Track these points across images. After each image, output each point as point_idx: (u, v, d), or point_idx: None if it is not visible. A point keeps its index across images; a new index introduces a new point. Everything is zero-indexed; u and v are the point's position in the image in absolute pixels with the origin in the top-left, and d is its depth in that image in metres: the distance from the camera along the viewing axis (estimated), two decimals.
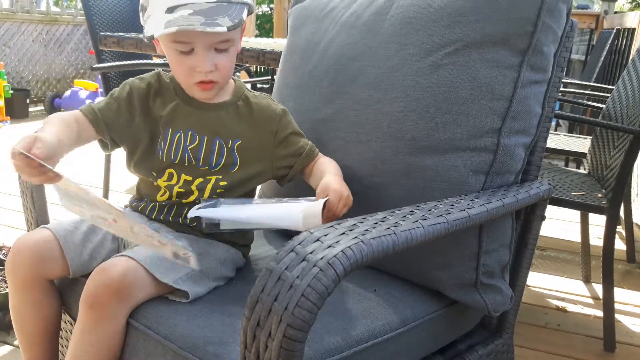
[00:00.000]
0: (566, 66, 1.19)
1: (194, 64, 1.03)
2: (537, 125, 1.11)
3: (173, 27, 0.96)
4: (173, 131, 1.10)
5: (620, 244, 2.68)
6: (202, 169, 1.09)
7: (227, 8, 1.00)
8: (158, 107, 1.12)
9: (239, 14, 1.01)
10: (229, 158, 1.10)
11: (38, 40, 6.20)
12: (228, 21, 0.98)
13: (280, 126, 1.14)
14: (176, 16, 0.97)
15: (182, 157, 1.09)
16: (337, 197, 0.97)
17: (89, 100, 5.55)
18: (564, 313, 2.07)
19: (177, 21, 0.97)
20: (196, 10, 0.98)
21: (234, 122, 1.12)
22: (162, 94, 1.13)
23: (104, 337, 0.93)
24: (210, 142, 1.10)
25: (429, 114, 1.07)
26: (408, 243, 0.79)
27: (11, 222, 2.69)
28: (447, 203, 0.95)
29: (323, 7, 1.35)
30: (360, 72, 1.18)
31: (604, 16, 4.96)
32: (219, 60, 1.04)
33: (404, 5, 1.16)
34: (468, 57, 1.05)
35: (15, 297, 1.06)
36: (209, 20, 0.97)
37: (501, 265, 1.11)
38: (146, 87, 1.13)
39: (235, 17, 1.00)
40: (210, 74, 1.04)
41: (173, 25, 0.96)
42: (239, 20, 1.00)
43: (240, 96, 1.15)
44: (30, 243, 1.04)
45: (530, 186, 1.11)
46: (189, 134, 1.10)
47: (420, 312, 1.03)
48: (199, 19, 0.97)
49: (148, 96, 1.13)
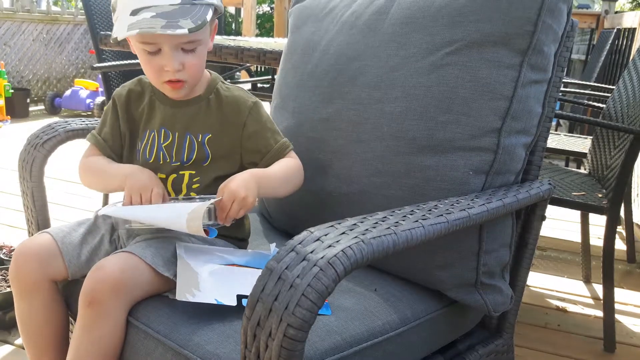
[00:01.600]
0: (566, 66, 1.19)
1: (162, 64, 1.04)
2: (538, 125, 1.11)
3: (134, 30, 0.98)
4: (149, 131, 1.14)
5: (621, 244, 2.68)
6: (175, 165, 1.11)
7: (191, 10, 1.01)
8: (138, 111, 1.16)
9: (202, 15, 1.01)
10: (200, 152, 1.11)
11: (38, 40, 6.20)
12: (190, 23, 0.99)
13: (250, 119, 1.13)
14: (139, 19, 0.99)
15: (157, 155, 1.11)
16: (230, 198, 0.99)
17: (89, 100, 5.55)
18: (564, 313, 2.07)
19: (139, 24, 0.98)
20: (159, 12, 0.99)
21: (204, 116, 1.13)
22: (142, 97, 1.16)
23: (103, 335, 0.93)
24: (182, 137, 1.11)
25: (429, 113, 1.07)
26: (408, 243, 0.79)
27: (11, 222, 2.69)
28: (447, 203, 0.95)
29: (323, 6, 1.35)
30: (361, 71, 1.18)
31: (604, 16, 4.96)
32: (187, 60, 1.05)
33: (405, 4, 1.16)
34: (468, 56, 1.05)
35: (21, 305, 1.06)
36: (170, 22, 0.98)
37: (501, 265, 1.11)
38: (126, 94, 1.17)
39: (199, 18, 1.00)
40: (178, 73, 1.05)
41: (135, 28, 0.98)
42: (202, 22, 1.00)
43: (212, 90, 1.15)
44: (32, 247, 1.05)
45: (530, 186, 1.11)
46: (162, 132, 1.12)
47: (420, 311, 1.03)
48: (160, 22, 0.98)
49: (129, 102, 1.17)
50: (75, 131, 1.31)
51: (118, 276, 0.92)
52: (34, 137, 1.27)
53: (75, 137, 1.31)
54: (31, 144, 1.25)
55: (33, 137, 1.27)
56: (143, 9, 1.00)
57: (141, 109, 1.15)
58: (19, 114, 5.50)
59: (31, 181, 1.23)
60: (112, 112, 1.17)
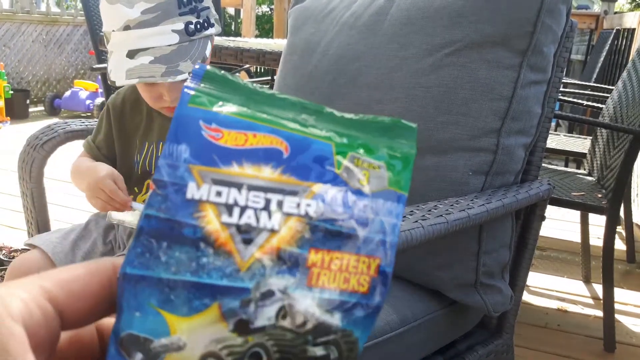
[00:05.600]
0: (566, 66, 1.19)
1: (160, 93, 1.03)
2: (537, 126, 1.11)
3: (134, 79, 0.96)
4: (148, 143, 1.12)
5: (620, 244, 2.68)
6: None
7: (189, 48, 0.98)
8: (134, 121, 1.15)
9: (201, 53, 0.99)
10: None
11: (38, 41, 6.20)
12: (190, 65, 0.96)
13: None
14: (137, 64, 0.96)
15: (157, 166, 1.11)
16: None
17: (89, 101, 5.55)
18: (564, 313, 2.07)
19: (138, 71, 0.96)
20: (157, 56, 0.96)
21: None
22: (139, 106, 1.14)
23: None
24: None
25: (429, 114, 1.07)
26: (408, 243, 0.80)
27: (11, 223, 2.69)
28: (447, 203, 0.95)
29: (323, 7, 1.35)
30: (360, 72, 1.18)
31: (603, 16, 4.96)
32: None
33: (404, 5, 1.16)
34: (468, 57, 1.05)
35: None
36: (170, 68, 0.95)
37: (501, 266, 1.11)
38: (121, 104, 1.15)
39: (198, 57, 0.98)
40: (175, 101, 1.04)
41: (134, 76, 0.96)
42: (202, 60, 0.98)
43: None
44: (22, 268, 1.05)
45: (530, 186, 1.11)
46: (160, 145, 1.11)
47: (420, 312, 1.03)
48: (160, 69, 0.95)
49: (123, 113, 1.15)
50: (75, 132, 1.31)
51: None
52: (33, 138, 1.27)
53: (75, 138, 1.31)
54: (31, 145, 1.26)
55: (32, 138, 1.27)
56: (140, 51, 0.96)
57: (138, 119, 1.14)
58: (18, 115, 5.50)
59: (31, 182, 1.23)
60: (106, 121, 1.16)
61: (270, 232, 0.25)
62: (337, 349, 0.25)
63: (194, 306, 0.25)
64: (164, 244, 0.25)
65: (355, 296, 0.25)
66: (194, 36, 0.99)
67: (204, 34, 1.00)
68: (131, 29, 0.97)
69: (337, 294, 0.25)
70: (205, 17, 1.01)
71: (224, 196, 0.25)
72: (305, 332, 0.25)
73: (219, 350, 0.25)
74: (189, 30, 0.98)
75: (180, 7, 0.97)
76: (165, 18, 0.96)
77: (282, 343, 0.25)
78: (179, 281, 0.25)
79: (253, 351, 0.25)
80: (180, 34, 0.97)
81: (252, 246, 0.25)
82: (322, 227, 0.25)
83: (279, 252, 0.25)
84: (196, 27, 0.99)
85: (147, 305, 0.25)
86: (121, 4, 0.97)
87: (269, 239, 0.25)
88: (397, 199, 0.27)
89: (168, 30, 0.96)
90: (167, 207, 0.25)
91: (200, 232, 0.25)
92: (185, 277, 0.25)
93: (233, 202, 0.25)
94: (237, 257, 0.25)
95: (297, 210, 0.25)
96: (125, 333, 0.25)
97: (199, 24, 0.99)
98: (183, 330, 0.25)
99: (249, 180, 0.26)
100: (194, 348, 0.25)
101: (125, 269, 0.25)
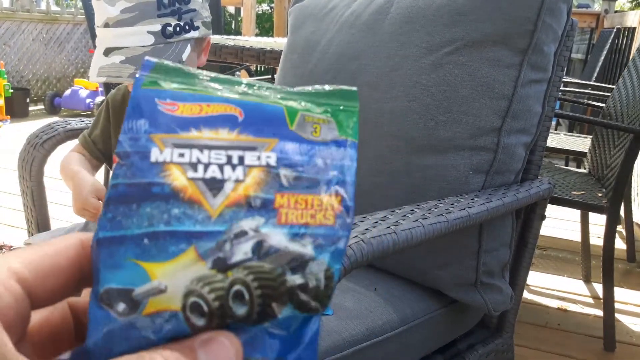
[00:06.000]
0: (566, 65, 1.19)
1: None
2: (538, 125, 1.11)
3: (103, 77, 0.95)
4: None
5: (621, 243, 2.68)
6: None
7: (164, 51, 0.96)
8: None
9: (177, 56, 0.97)
10: None
11: (38, 39, 6.20)
12: None
13: None
14: (109, 62, 0.95)
15: None
16: None
17: (89, 99, 5.55)
18: (564, 312, 2.07)
19: (107, 70, 0.95)
20: (128, 57, 0.95)
21: None
22: None
23: None
24: None
25: (429, 113, 1.07)
26: (408, 242, 0.79)
27: (11, 222, 2.69)
28: (447, 202, 0.95)
29: (323, 6, 1.34)
30: (361, 71, 1.18)
31: (604, 15, 4.96)
32: None
33: (404, 4, 1.16)
34: (468, 56, 1.05)
35: None
36: (138, 69, 0.94)
37: (501, 265, 1.11)
38: (121, 99, 1.15)
39: (172, 60, 0.96)
40: None
41: (103, 74, 0.95)
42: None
43: None
44: None
45: (530, 185, 1.11)
46: None
47: (420, 311, 1.03)
48: (129, 69, 0.94)
49: (123, 107, 1.14)
50: (75, 131, 1.30)
51: None
52: (33, 137, 1.27)
53: (75, 136, 1.31)
54: (31, 143, 1.25)
55: (33, 136, 1.27)
56: (115, 50, 0.96)
57: None
58: (18, 113, 5.50)
59: (31, 181, 1.23)
60: (105, 116, 1.16)
61: (235, 182, 0.27)
62: (314, 277, 0.27)
63: (171, 252, 0.26)
64: (134, 205, 0.26)
65: (323, 228, 0.27)
66: (171, 39, 0.97)
67: (183, 37, 0.98)
68: (110, 26, 0.96)
69: (306, 228, 0.27)
70: (188, 20, 0.99)
71: (187, 156, 0.27)
72: (282, 263, 0.26)
73: (200, 288, 0.26)
74: (165, 32, 0.96)
75: (159, 9, 0.96)
76: (143, 18, 0.95)
77: (262, 277, 0.26)
78: (153, 232, 0.26)
79: (235, 289, 0.26)
80: (156, 35, 0.96)
81: (220, 196, 0.26)
82: (284, 174, 0.27)
83: (247, 199, 0.27)
84: (175, 30, 0.97)
85: (124, 261, 0.26)
86: (104, 1, 0.96)
87: (236, 188, 0.27)
88: (349, 145, 0.29)
89: (144, 31, 0.95)
90: (132, 173, 0.26)
91: (168, 188, 0.26)
92: (159, 228, 0.26)
93: (196, 160, 0.27)
94: (207, 206, 0.26)
95: (259, 162, 0.27)
96: (104, 289, 0.26)
97: (179, 26, 0.97)
98: (162, 274, 0.25)
99: (208, 141, 0.27)
100: (176, 289, 0.25)
101: (98, 235, 0.26)
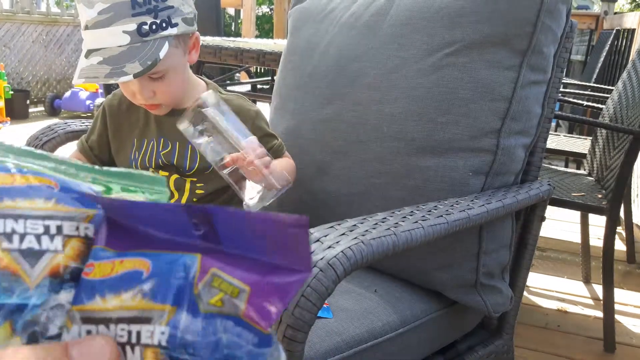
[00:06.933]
0: (566, 67, 1.20)
1: (134, 90, 1.02)
2: (537, 126, 1.11)
3: (81, 78, 0.96)
4: (147, 140, 1.12)
5: (620, 244, 2.68)
6: (177, 168, 1.10)
7: (140, 49, 0.96)
8: (130, 120, 1.14)
9: (154, 54, 0.96)
10: (203, 162, 1.08)
11: (38, 41, 6.20)
12: (137, 66, 0.94)
13: (254, 127, 1.11)
14: (87, 64, 0.96)
15: (157, 161, 1.10)
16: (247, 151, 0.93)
17: (89, 101, 5.55)
18: (564, 314, 2.07)
19: (87, 71, 0.96)
20: (105, 57, 0.95)
21: None
22: (135, 105, 1.12)
23: None
24: (182, 147, 1.09)
25: (429, 114, 1.07)
26: (408, 244, 0.80)
27: None
28: (447, 204, 0.95)
29: (323, 8, 1.35)
30: (360, 72, 1.18)
31: (603, 17, 4.96)
32: (157, 87, 1.02)
33: (404, 5, 1.16)
34: (468, 57, 1.05)
35: None
36: (115, 69, 0.94)
37: (501, 266, 1.11)
38: (117, 103, 1.15)
39: (148, 58, 0.96)
40: (150, 99, 1.03)
41: (82, 75, 0.96)
42: (152, 62, 0.95)
43: None
44: None
45: (530, 187, 1.11)
46: (161, 141, 1.11)
47: (420, 312, 1.03)
48: (104, 69, 0.94)
49: (120, 113, 1.15)
50: (75, 133, 1.31)
51: None
52: (33, 139, 1.27)
53: (75, 138, 1.31)
54: (31, 145, 1.26)
55: (32, 138, 1.27)
56: (93, 51, 0.96)
57: (134, 118, 1.14)
58: (18, 115, 5.50)
59: None
60: (101, 121, 1.16)
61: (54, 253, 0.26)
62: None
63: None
64: None
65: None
66: (148, 37, 0.97)
67: (160, 35, 0.98)
68: (89, 28, 0.97)
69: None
70: (165, 17, 0.98)
71: (1, 226, 0.25)
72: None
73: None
74: (141, 31, 0.96)
75: (134, 8, 0.95)
76: (118, 19, 0.95)
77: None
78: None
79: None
80: (132, 35, 0.96)
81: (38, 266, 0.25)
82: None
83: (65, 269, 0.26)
84: (151, 28, 0.97)
85: None
86: (82, 3, 0.97)
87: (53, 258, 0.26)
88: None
89: (119, 32, 0.95)
90: None
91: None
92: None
93: (11, 230, 0.25)
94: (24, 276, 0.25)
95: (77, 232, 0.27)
96: None
97: (155, 24, 0.97)
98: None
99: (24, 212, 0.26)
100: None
101: None
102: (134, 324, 0.25)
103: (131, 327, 0.25)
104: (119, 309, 0.26)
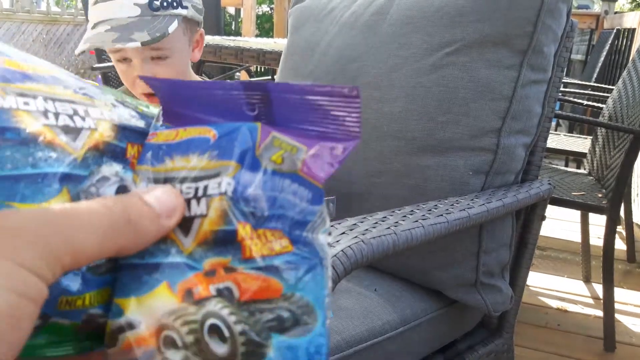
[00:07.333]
0: (566, 66, 1.20)
1: (135, 75, 1.03)
2: (537, 125, 1.11)
3: (86, 44, 0.96)
4: None
5: (621, 243, 2.68)
6: None
7: (150, 22, 0.97)
8: None
9: (163, 27, 0.97)
10: None
11: (38, 40, 6.20)
12: (145, 36, 0.95)
13: None
14: (94, 33, 0.97)
15: None
16: None
17: None
18: (564, 313, 2.07)
19: (92, 38, 0.96)
20: (114, 26, 0.96)
21: None
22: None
23: None
24: None
25: (429, 113, 1.07)
26: (408, 243, 0.80)
27: None
28: (447, 203, 0.95)
29: (323, 7, 1.35)
30: (361, 72, 1.18)
31: (604, 16, 4.96)
32: (157, 71, 1.03)
33: (404, 5, 1.16)
34: (468, 57, 1.05)
35: None
36: (122, 35, 0.95)
37: (501, 265, 1.11)
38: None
39: (157, 31, 0.97)
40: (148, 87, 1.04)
41: (87, 42, 0.97)
42: (160, 34, 0.97)
43: None
44: None
45: (530, 186, 1.11)
46: None
47: (420, 311, 1.03)
48: (112, 35, 0.95)
49: None
50: None
51: None
52: None
53: None
54: None
55: None
56: (100, 22, 0.97)
57: None
58: None
59: None
60: None
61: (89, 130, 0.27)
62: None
63: (46, 192, 0.25)
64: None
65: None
66: (158, 12, 0.98)
67: (170, 12, 0.99)
68: (98, 2, 0.98)
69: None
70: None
71: (32, 105, 0.26)
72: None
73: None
74: (152, 5, 0.98)
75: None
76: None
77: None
78: (20, 175, 0.24)
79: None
80: (143, 7, 0.97)
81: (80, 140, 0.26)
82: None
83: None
84: (162, 4, 0.98)
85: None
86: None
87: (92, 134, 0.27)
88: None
89: (130, 3, 0.97)
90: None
91: (24, 133, 0.25)
92: (26, 170, 0.24)
93: (44, 109, 0.26)
94: (69, 149, 0.26)
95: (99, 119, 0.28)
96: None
97: (167, 1, 0.99)
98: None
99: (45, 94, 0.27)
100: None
101: None
102: (201, 181, 0.27)
103: (198, 184, 0.27)
104: (186, 169, 0.27)
